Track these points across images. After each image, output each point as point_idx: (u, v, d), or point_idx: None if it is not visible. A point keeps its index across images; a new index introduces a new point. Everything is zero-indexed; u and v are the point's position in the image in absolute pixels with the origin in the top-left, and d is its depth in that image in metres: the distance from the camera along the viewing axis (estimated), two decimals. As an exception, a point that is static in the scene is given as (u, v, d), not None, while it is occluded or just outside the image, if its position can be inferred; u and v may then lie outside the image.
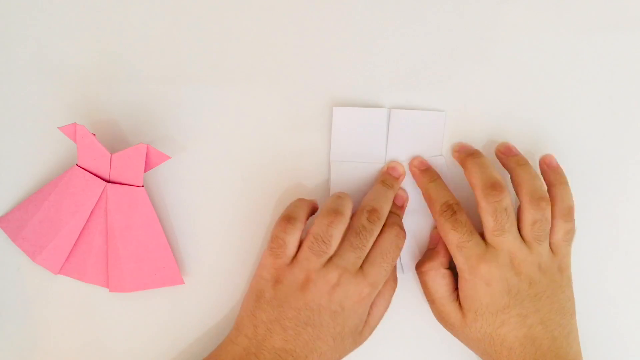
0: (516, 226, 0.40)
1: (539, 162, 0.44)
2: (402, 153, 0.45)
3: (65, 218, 0.43)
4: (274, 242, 0.40)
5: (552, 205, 0.41)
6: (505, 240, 0.40)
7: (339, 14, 0.46)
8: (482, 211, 0.40)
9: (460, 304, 0.41)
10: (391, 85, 0.45)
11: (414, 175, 0.45)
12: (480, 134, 0.45)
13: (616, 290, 0.45)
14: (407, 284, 0.45)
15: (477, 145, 0.45)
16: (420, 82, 0.45)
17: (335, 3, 0.46)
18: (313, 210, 0.43)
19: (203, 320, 0.45)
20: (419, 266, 0.44)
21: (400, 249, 0.42)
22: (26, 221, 0.44)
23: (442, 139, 0.45)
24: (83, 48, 0.46)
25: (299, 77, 0.46)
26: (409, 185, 0.45)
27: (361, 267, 0.40)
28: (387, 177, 0.44)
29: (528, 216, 0.40)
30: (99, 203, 0.43)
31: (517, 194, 0.42)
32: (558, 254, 0.41)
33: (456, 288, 0.42)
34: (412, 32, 0.45)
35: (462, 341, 0.43)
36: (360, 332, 0.41)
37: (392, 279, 0.43)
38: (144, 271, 0.44)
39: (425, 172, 0.44)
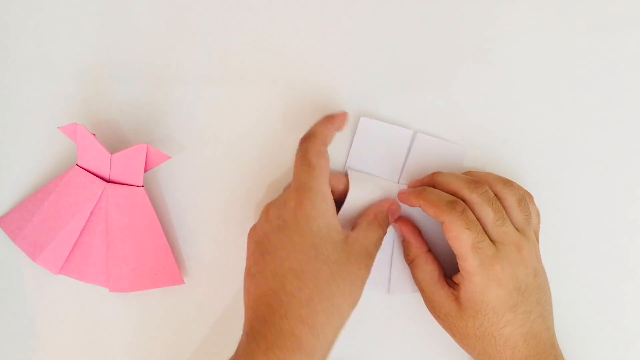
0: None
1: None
2: (415, 176, 0.44)
3: (65, 218, 0.43)
4: None
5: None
6: (508, 230, 0.39)
7: (338, 13, 0.46)
8: (477, 205, 0.39)
9: (452, 292, 0.40)
10: (389, 84, 0.45)
11: (405, 202, 0.42)
12: (479, 134, 0.45)
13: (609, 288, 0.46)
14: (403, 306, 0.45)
15: (477, 146, 0.45)
16: (418, 83, 0.45)
17: (337, 4, 0.46)
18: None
19: (203, 320, 0.45)
20: (405, 258, 0.43)
21: None
22: (26, 221, 0.44)
23: (458, 171, 0.44)
24: (83, 48, 0.46)
25: (299, 78, 0.46)
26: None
27: None
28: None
29: (510, 199, 0.40)
30: (99, 203, 0.43)
31: None
32: (538, 240, 0.41)
33: (443, 274, 0.41)
34: (410, 32, 0.46)
35: (455, 336, 0.41)
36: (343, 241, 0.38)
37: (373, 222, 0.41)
38: (144, 271, 0.44)
39: (414, 191, 0.42)
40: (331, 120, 0.42)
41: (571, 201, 0.45)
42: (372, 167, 0.45)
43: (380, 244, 0.40)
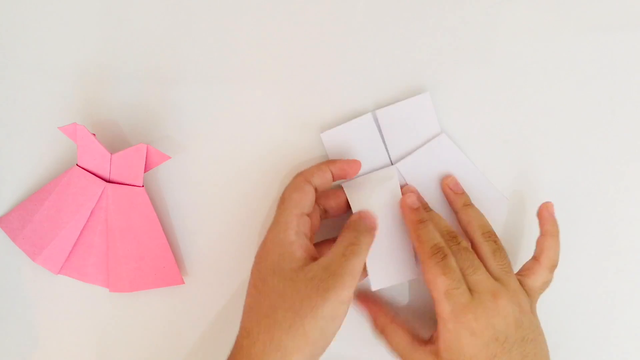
0: (484, 267, 0.40)
1: (539, 208, 0.43)
2: (402, 148, 0.44)
3: (65, 218, 0.43)
4: None
5: (541, 253, 0.41)
6: (480, 278, 0.39)
7: (337, 14, 0.46)
8: (455, 254, 0.39)
9: (430, 348, 0.39)
10: (389, 85, 0.45)
11: (402, 212, 0.42)
12: (479, 134, 0.45)
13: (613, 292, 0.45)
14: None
15: (477, 146, 0.45)
16: (419, 84, 0.45)
17: (333, 4, 0.46)
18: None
19: (203, 320, 0.45)
20: (375, 330, 0.43)
21: None
22: (26, 221, 0.44)
23: (435, 117, 0.44)
24: (83, 48, 0.46)
25: (298, 77, 0.46)
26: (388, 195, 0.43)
27: None
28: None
29: (485, 249, 0.40)
30: (99, 203, 0.43)
31: (465, 232, 0.42)
32: (532, 297, 0.41)
33: (415, 336, 0.41)
34: (412, 33, 0.46)
35: None
36: (298, 269, 0.37)
37: (361, 229, 0.40)
38: (144, 271, 0.44)
39: (416, 211, 0.41)
40: (332, 162, 0.42)
41: (572, 201, 0.45)
42: (362, 168, 0.44)
43: (355, 250, 0.38)
